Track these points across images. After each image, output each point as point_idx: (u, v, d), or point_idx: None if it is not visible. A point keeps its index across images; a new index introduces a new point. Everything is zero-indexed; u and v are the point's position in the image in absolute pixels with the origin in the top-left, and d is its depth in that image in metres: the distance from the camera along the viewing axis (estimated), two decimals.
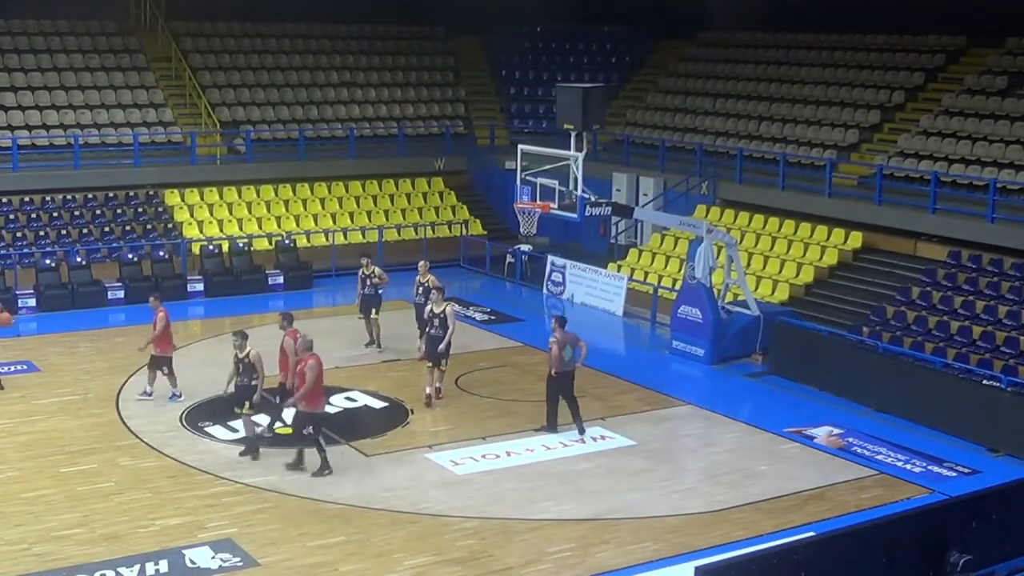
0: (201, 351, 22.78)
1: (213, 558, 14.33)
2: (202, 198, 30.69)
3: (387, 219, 32.14)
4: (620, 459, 17.99)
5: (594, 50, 38.06)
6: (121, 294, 26.37)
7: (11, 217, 28.45)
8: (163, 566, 14.08)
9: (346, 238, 30.66)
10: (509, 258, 30.22)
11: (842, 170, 28.08)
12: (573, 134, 23.74)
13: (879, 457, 18.27)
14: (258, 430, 17.98)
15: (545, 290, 28.74)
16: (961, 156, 26.23)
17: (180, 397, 19.81)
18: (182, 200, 30.43)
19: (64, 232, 28.47)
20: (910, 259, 25.24)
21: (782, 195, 28.03)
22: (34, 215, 28.74)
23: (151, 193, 30.23)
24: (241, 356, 17.42)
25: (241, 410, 17.55)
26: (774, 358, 22.54)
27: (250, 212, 30.95)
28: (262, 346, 18.31)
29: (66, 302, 26.02)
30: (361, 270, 23.13)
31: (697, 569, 10.80)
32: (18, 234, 28.00)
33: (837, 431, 19.39)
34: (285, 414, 18.30)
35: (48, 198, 29.18)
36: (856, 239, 26.24)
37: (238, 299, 27.11)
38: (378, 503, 16.06)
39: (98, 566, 14.02)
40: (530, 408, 19.56)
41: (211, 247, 28.69)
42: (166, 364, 19.84)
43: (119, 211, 29.54)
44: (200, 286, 27.59)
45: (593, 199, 23.43)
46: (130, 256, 27.54)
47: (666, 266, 28.19)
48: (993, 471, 17.55)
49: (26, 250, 27.33)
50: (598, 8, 37.27)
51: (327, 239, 30.31)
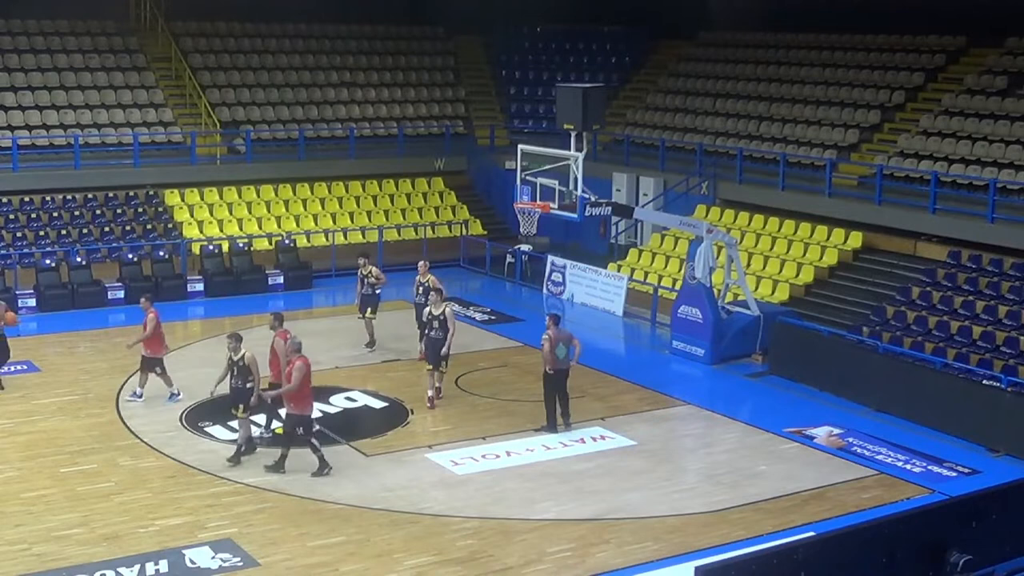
0: (201, 351, 22.77)
1: (213, 558, 14.33)
2: (202, 198, 30.69)
3: (387, 219, 32.14)
4: (620, 459, 17.99)
5: (594, 50, 38.05)
6: (121, 294, 26.36)
7: (11, 217, 28.45)
8: (163, 566, 14.08)
9: (346, 238, 30.66)
10: (509, 258, 30.22)
11: (842, 170, 28.08)
12: (573, 134, 23.73)
13: (879, 457, 18.27)
14: (256, 431, 17.99)
15: (545, 290, 28.73)
16: (961, 156, 26.23)
17: (180, 396, 19.79)
18: (182, 200, 30.43)
19: (64, 232, 28.48)
20: (910, 259, 25.23)
21: (782, 195, 28.03)
22: (34, 215, 28.75)
23: (151, 193, 30.24)
24: (236, 359, 17.18)
25: (237, 413, 17.40)
26: (774, 358, 22.53)
27: (250, 212, 30.95)
28: (259, 347, 18.32)
29: (66, 302, 26.03)
30: (359, 270, 23.15)
31: (697, 569, 10.80)
32: (18, 234, 28.00)
33: (837, 431, 19.39)
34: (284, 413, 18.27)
35: (48, 198, 29.19)
36: (856, 239, 26.24)
37: (238, 299, 27.10)
38: (378, 503, 16.06)
39: (98, 566, 14.03)
40: (530, 408, 19.57)
41: (211, 247, 28.69)
42: (158, 365, 19.79)
43: (119, 211, 29.54)
44: (200, 286, 27.59)
45: (593, 199, 23.42)
46: (130, 256, 27.54)
47: (666, 266, 28.19)
48: (993, 471, 17.56)
49: (26, 250, 27.33)
50: (598, 8, 37.25)
51: (327, 239, 30.31)
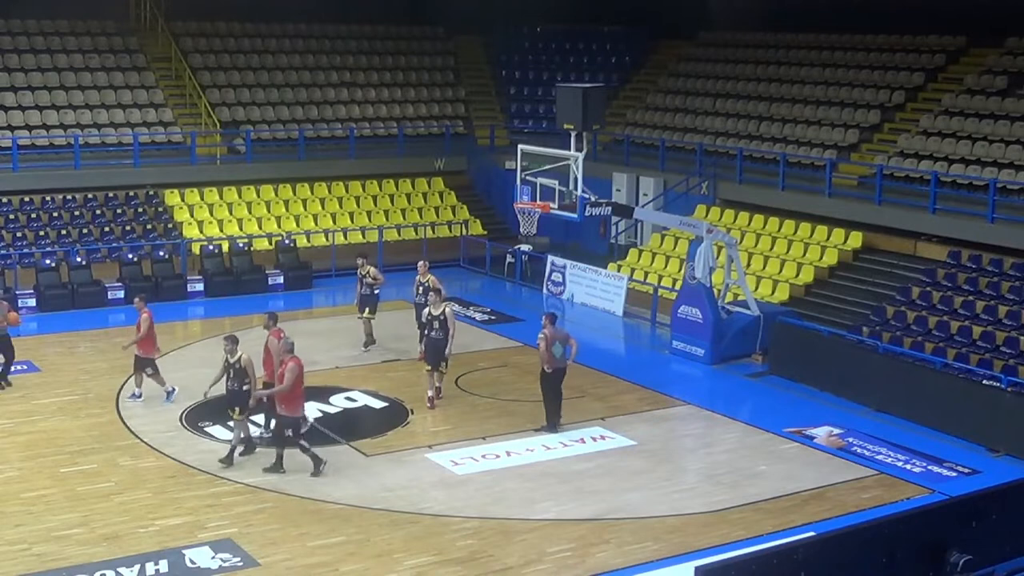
0: (201, 351, 22.74)
1: (213, 558, 14.33)
2: (202, 198, 30.69)
3: (387, 219, 32.14)
4: (620, 459, 17.99)
5: (594, 50, 38.05)
6: (121, 294, 26.34)
7: (11, 217, 28.45)
8: (163, 566, 14.08)
9: (346, 238, 30.65)
10: (509, 258, 30.21)
11: (842, 170, 28.08)
12: (573, 134, 23.73)
13: (879, 457, 18.27)
14: (256, 431, 17.97)
15: (545, 290, 28.73)
16: (961, 156, 26.23)
17: (175, 391, 19.76)
18: (182, 200, 30.43)
19: (64, 232, 28.48)
20: (910, 259, 25.23)
21: (782, 195, 28.02)
22: (34, 215, 28.75)
23: (151, 193, 30.24)
24: (232, 361, 17.05)
25: (233, 415, 17.28)
26: (774, 358, 22.53)
27: (250, 212, 30.95)
28: (258, 346, 18.31)
29: (66, 302, 26.03)
30: (358, 270, 23.15)
31: (697, 569, 10.80)
32: (18, 234, 28.00)
33: (837, 431, 19.38)
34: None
35: (48, 198, 29.19)
36: (856, 239, 26.24)
37: (238, 299, 27.09)
38: (378, 503, 16.06)
39: (98, 566, 14.03)
40: (530, 408, 19.56)
41: (211, 247, 28.70)
42: (149, 365, 19.77)
43: (119, 211, 29.54)
44: (200, 286, 27.59)
45: (593, 199, 23.41)
46: (130, 256, 27.55)
47: (666, 266, 28.19)
48: (993, 471, 17.55)
49: (26, 250, 27.33)
50: (598, 8, 37.25)
51: (327, 239, 30.31)
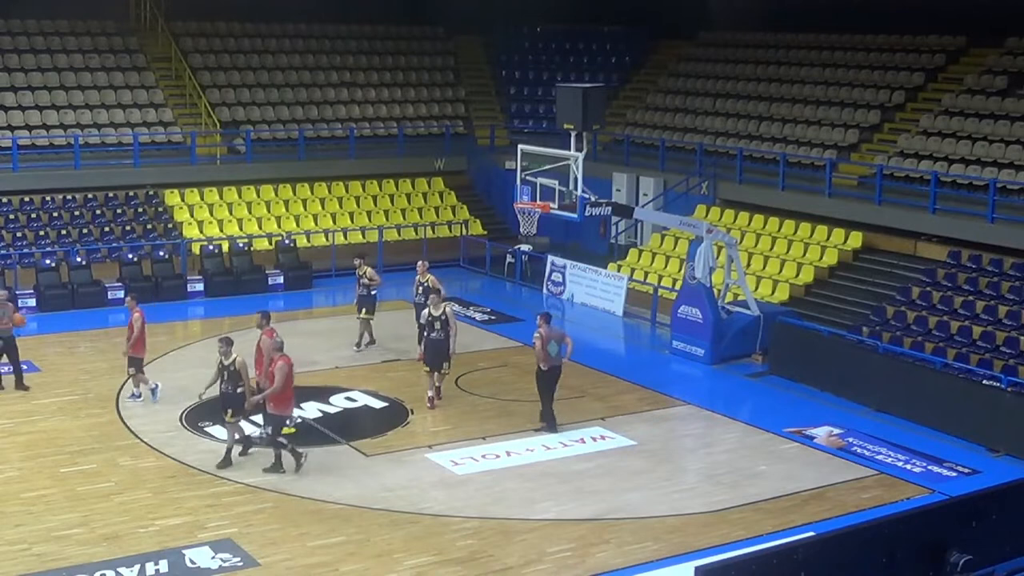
0: (201, 351, 22.72)
1: (213, 558, 14.33)
2: (202, 198, 30.69)
3: (387, 219, 32.14)
4: (620, 459, 17.99)
5: (594, 50, 38.05)
6: (121, 294, 26.21)
7: (11, 217, 28.45)
8: (163, 566, 14.08)
9: (346, 238, 30.65)
10: (509, 258, 30.21)
11: (842, 170, 28.08)
12: (573, 134, 23.74)
13: (879, 457, 18.27)
14: (256, 431, 17.94)
15: (545, 290, 28.73)
16: (961, 156, 26.23)
17: (159, 388, 19.77)
18: (182, 200, 30.43)
19: (64, 232, 28.48)
20: (910, 259, 25.23)
21: (782, 195, 28.02)
22: (34, 215, 28.75)
23: (151, 193, 30.24)
24: (227, 363, 16.92)
25: (227, 417, 17.16)
26: (774, 358, 22.53)
27: (250, 212, 30.95)
28: (254, 347, 18.29)
29: (66, 302, 26.03)
30: (356, 270, 23.14)
31: (697, 569, 10.79)
32: (18, 234, 28.00)
33: (837, 431, 19.38)
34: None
35: (48, 198, 29.19)
36: (856, 239, 26.24)
37: (238, 299, 27.05)
38: (378, 503, 16.06)
39: (98, 566, 14.03)
40: (530, 408, 19.54)
41: (211, 247, 28.70)
42: (135, 365, 19.71)
43: (119, 211, 29.54)
44: (200, 286, 27.60)
45: (593, 199, 23.41)
46: (130, 256, 27.55)
47: (666, 266, 28.19)
48: (993, 471, 17.55)
49: (26, 250, 27.33)
50: (598, 8, 37.25)
51: (327, 239, 30.31)
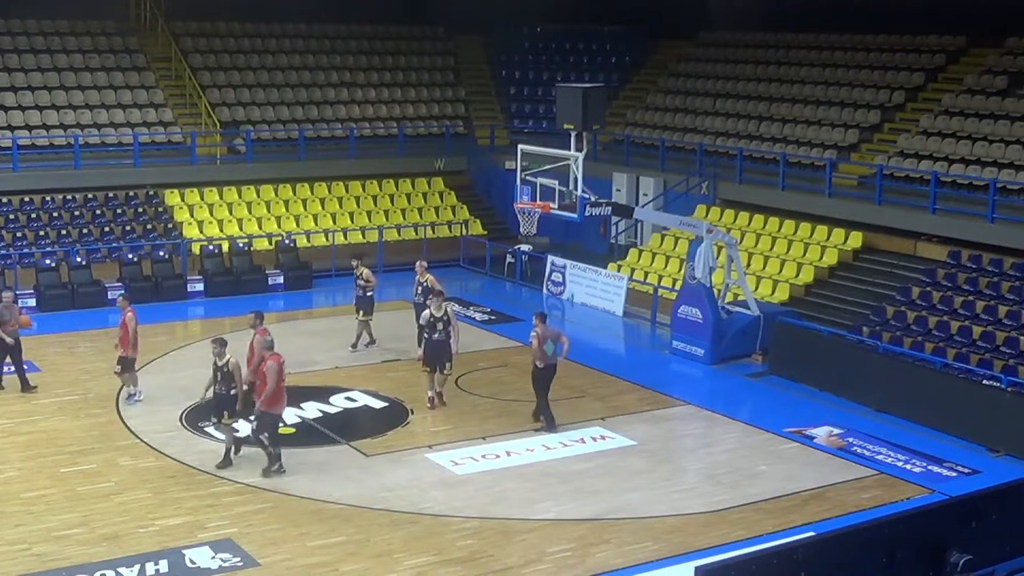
0: (201, 351, 22.64)
1: (213, 558, 14.33)
2: (202, 198, 30.70)
3: (387, 219, 32.15)
4: (620, 459, 17.99)
5: (594, 50, 38.05)
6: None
7: (11, 217, 28.46)
8: (163, 566, 14.08)
9: (346, 238, 30.66)
10: (509, 258, 30.21)
11: (842, 170, 28.08)
12: (573, 134, 23.74)
13: (879, 457, 18.27)
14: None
15: (545, 290, 28.73)
16: (961, 156, 26.23)
17: (137, 397, 19.71)
18: (182, 200, 30.44)
19: (64, 232, 28.48)
20: (910, 259, 25.24)
21: (782, 195, 28.02)
22: (34, 215, 28.76)
23: (151, 193, 30.25)
24: (220, 364, 16.86)
25: (219, 420, 17.08)
26: (774, 358, 22.53)
27: (250, 212, 30.96)
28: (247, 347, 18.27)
29: (66, 302, 26.02)
30: (353, 271, 23.13)
31: (697, 569, 10.79)
32: (18, 234, 28.00)
33: (837, 431, 19.38)
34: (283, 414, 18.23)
35: (48, 198, 29.19)
36: (856, 239, 26.24)
37: (238, 299, 27.03)
38: (378, 503, 16.06)
39: (98, 566, 14.03)
40: (530, 408, 19.48)
41: (211, 247, 28.70)
42: (126, 365, 19.66)
43: (119, 211, 29.55)
44: (200, 286, 27.60)
45: (593, 199, 23.42)
46: (130, 256, 27.55)
47: (666, 266, 28.19)
48: (993, 471, 17.55)
49: (26, 250, 27.33)
50: (598, 8, 37.25)
51: (327, 239, 30.31)
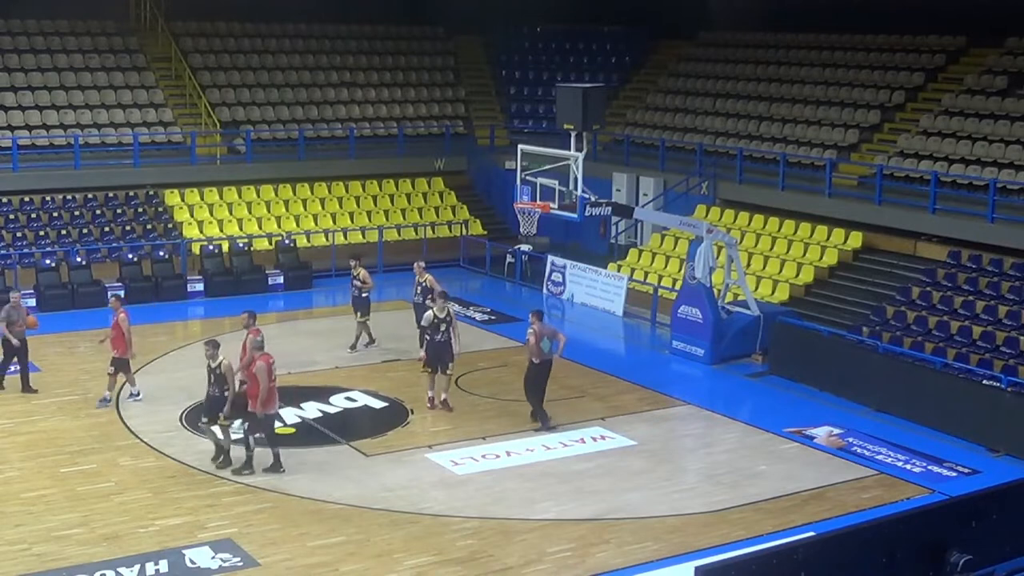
0: (200, 351, 22.51)
1: (213, 558, 14.33)
2: (202, 198, 30.70)
3: (387, 219, 32.15)
4: (620, 459, 17.99)
5: (594, 50, 38.05)
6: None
7: (11, 217, 28.45)
8: (163, 566, 14.09)
9: (346, 238, 30.66)
10: (509, 258, 30.21)
11: (842, 170, 28.08)
12: (573, 134, 23.75)
13: (879, 457, 18.27)
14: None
15: (545, 290, 28.73)
16: (961, 156, 26.23)
17: (109, 401, 19.59)
18: (182, 200, 30.44)
19: (64, 232, 28.48)
20: (910, 259, 25.24)
21: (782, 195, 28.02)
22: (34, 215, 28.75)
23: (151, 193, 30.25)
24: (213, 366, 16.86)
25: (210, 420, 17.00)
26: (774, 358, 22.53)
27: (250, 212, 30.96)
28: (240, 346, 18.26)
29: (66, 302, 26.02)
30: (351, 271, 23.13)
31: (697, 569, 10.79)
32: (18, 234, 28.00)
33: (837, 431, 19.38)
34: (283, 413, 18.27)
35: (48, 198, 29.19)
36: (856, 239, 26.24)
37: (238, 299, 26.95)
38: (378, 503, 16.06)
39: (98, 566, 14.03)
40: (530, 408, 19.52)
41: (211, 247, 28.70)
42: (114, 365, 19.62)
43: (119, 211, 29.54)
44: (200, 286, 27.60)
45: (593, 199, 23.42)
46: (130, 256, 27.55)
47: (666, 266, 28.19)
48: (993, 471, 17.56)
49: (26, 250, 27.33)
50: (598, 8, 37.25)
51: (327, 239, 30.31)
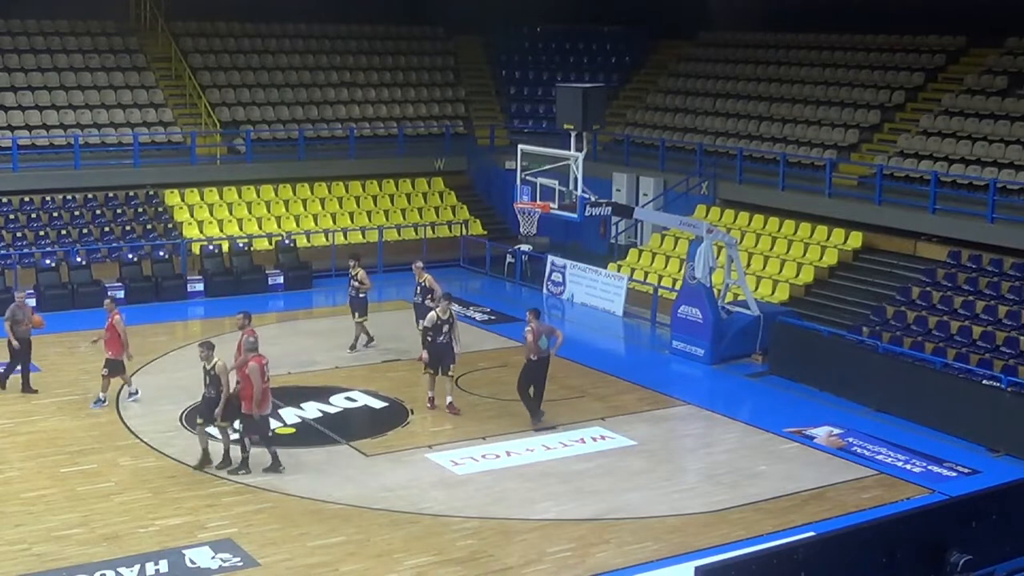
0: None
1: (213, 558, 14.33)
2: (202, 198, 30.70)
3: (387, 219, 32.15)
4: (620, 459, 17.99)
5: (594, 50, 38.05)
6: (121, 294, 26.28)
7: (11, 217, 28.45)
8: (163, 566, 14.09)
9: (346, 238, 30.66)
10: (509, 258, 30.21)
11: (842, 170, 28.08)
12: (573, 134, 23.75)
13: (879, 457, 18.27)
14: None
15: (545, 290, 28.73)
16: (961, 156, 26.23)
17: (104, 403, 19.55)
18: (182, 200, 30.44)
19: (64, 232, 28.48)
20: (910, 259, 25.24)
21: (782, 195, 28.03)
22: (34, 215, 28.75)
23: (151, 193, 30.25)
24: (208, 367, 16.82)
25: (205, 421, 16.98)
26: (774, 358, 22.53)
27: (250, 212, 30.96)
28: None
29: (66, 302, 26.00)
30: (350, 271, 23.13)
31: (697, 569, 10.80)
32: (18, 234, 28.00)
33: (837, 431, 19.38)
34: (283, 413, 18.27)
35: (48, 198, 29.19)
36: (856, 239, 26.24)
37: (238, 299, 26.96)
38: (378, 503, 16.07)
39: (98, 566, 14.03)
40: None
41: (211, 247, 28.70)
42: (108, 366, 19.59)
43: (119, 211, 29.54)
44: (200, 286, 27.60)
45: (593, 199, 23.42)
46: (130, 256, 27.55)
47: (666, 266, 28.19)
48: (993, 471, 17.56)
49: (26, 250, 27.33)
50: (598, 8, 37.25)
51: (327, 239, 30.31)
